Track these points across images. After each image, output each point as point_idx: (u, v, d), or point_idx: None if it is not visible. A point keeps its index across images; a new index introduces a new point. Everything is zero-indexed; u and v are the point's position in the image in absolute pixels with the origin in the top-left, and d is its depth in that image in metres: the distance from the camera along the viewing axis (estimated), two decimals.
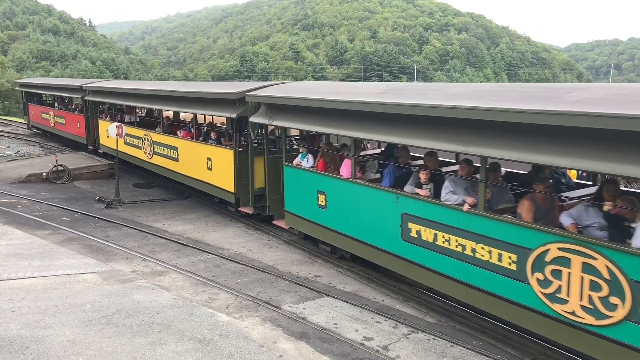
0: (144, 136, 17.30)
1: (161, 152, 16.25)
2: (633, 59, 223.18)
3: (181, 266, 9.79)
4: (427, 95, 7.67)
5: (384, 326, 7.40)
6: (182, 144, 15.11)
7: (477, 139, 6.56)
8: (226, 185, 12.98)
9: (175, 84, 20.83)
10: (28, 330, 6.58)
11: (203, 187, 14.22)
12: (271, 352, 6.33)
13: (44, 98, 28.96)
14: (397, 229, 7.97)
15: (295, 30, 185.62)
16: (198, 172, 14.22)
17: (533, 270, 6.07)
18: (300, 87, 11.99)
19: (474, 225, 6.79)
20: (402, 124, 7.76)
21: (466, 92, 7.49)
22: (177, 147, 15.26)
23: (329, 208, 9.54)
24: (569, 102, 5.68)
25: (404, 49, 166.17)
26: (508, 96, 6.65)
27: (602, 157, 5.27)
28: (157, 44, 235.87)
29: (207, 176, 13.85)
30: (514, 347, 6.91)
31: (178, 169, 15.37)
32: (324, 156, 10.02)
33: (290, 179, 10.72)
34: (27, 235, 11.30)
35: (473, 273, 6.87)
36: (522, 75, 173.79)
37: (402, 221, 7.87)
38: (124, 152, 18.51)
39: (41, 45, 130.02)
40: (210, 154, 13.56)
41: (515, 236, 6.31)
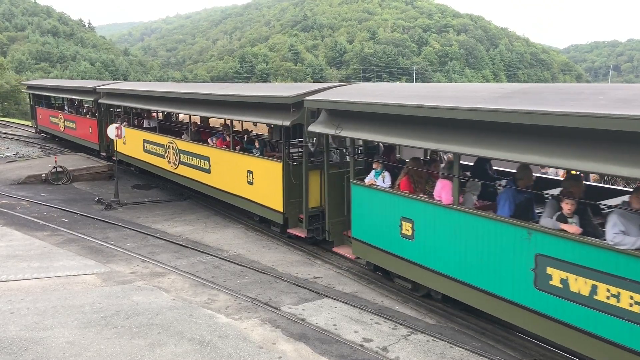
0: (168, 144, 15.86)
1: (189, 162, 14.78)
2: (632, 60, 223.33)
3: (180, 267, 9.78)
4: (589, 102, 5.69)
5: (383, 327, 7.39)
6: (215, 154, 13.57)
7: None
8: (272, 203, 11.35)
9: (207, 86, 18.93)
10: (27, 332, 6.57)
11: (241, 204, 12.66)
12: (270, 354, 6.33)
13: (53, 101, 27.81)
14: (528, 274, 6.27)
15: (295, 31, 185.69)
16: (235, 186, 12.67)
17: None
18: (371, 90, 9.84)
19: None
20: (546, 139, 5.90)
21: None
22: (209, 157, 13.77)
23: (418, 239, 7.81)
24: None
25: (403, 50, 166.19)
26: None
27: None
28: (156, 45, 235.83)
29: (246, 191, 12.26)
30: (514, 349, 6.91)
31: (210, 181, 13.86)
32: (409, 175, 8.33)
33: (361, 200, 8.92)
34: (26, 237, 11.29)
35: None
36: (521, 76, 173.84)
37: (537, 264, 6.18)
38: (143, 161, 17.62)
39: (40, 47, 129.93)
40: (252, 166, 11.97)
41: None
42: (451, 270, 7.36)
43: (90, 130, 21.44)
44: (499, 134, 6.48)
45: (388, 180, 8.73)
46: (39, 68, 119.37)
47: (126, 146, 18.48)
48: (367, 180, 8.88)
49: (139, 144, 17.86)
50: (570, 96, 6.13)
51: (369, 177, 8.90)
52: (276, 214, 11.34)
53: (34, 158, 22.11)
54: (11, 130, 32.57)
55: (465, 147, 6.85)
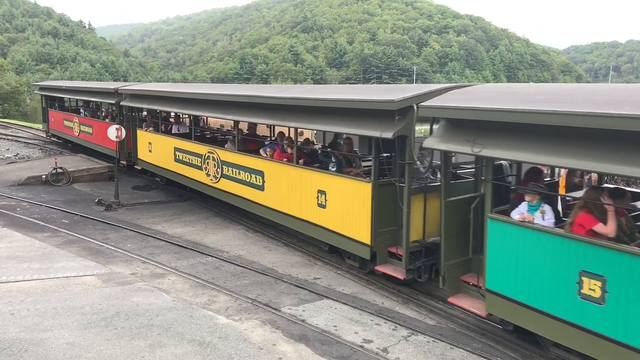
0: (207, 154, 13.75)
1: (235, 176, 12.63)
2: (632, 61, 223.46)
3: (180, 268, 9.78)
4: None
5: (383, 328, 7.39)
6: (272, 168, 11.36)
7: None
8: (354, 232, 9.11)
9: (258, 88, 16.53)
10: (27, 333, 6.57)
11: (306, 230, 10.43)
12: (271, 355, 6.33)
13: (67, 103, 25.97)
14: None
15: (295, 32, 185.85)
16: (300, 209, 10.44)
17: None
18: (510, 92, 7.43)
19: None
20: None
21: None
22: (262, 172, 11.61)
23: (612, 304, 5.56)
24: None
25: (403, 51, 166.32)
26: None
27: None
28: (156, 46, 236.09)
29: (317, 216, 9.99)
30: (514, 350, 6.91)
31: (263, 200, 11.69)
32: (589, 209, 6.12)
33: (506, 242, 6.66)
34: (26, 238, 11.28)
35: None
36: (521, 77, 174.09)
37: None
38: (174, 172, 15.66)
39: (40, 48, 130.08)
40: (326, 185, 9.72)
41: None
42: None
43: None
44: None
45: (551, 217, 6.58)
46: (39, 69, 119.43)
47: (153, 154, 16.87)
48: (517, 215, 6.78)
49: (168, 153, 15.80)
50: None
51: (519, 211, 6.80)
52: (360, 247, 9.03)
53: (34, 159, 22.13)
54: (11, 131, 32.59)
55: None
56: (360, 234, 8.97)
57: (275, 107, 11.02)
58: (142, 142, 17.55)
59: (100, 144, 20.32)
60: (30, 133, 32.07)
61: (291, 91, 11.38)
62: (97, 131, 20.74)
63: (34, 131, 33.26)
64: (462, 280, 7.69)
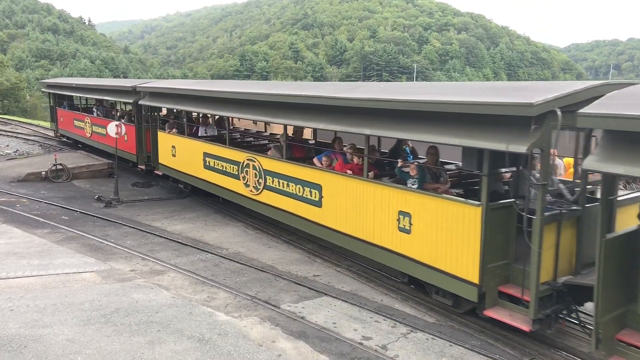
0: (246, 161, 12.05)
1: (283, 188, 10.85)
2: (632, 59, 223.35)
3: (180, 265, 9.79)
4: None
5: (382, 325, 7.40)
6: (333, 182, 9.48)
7: None
8: (454, 267, 7.29)
9: (320, 86, 14.04)
10: (27, 329, 6.57)
11: (383, 258, 8.56)
12: (270, 351, 6.34)
13: (77, 102, 24.58)
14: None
15: (295, 29, 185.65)
16: (373, 232, 8.65)
17: None
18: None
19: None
20: None
21: None
22: (320, 185, 9.77)
23: None
24: None
25: (403, 49, 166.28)
26: None
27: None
28: (156, 43, 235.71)
29: (397, 242, 8.19)
30: (513, 347, 6.91)
31: (320, 218, 9.84)
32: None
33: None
34: (26, 234, 11.29)
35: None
36: (521, 75, 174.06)
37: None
38: (203, 180, 14.02)
39: (40, 44, 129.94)
40: (411, 206, 7.90)
41: None
42: None
43: (126, 138, 17.59)
44: None
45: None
46: (39, 66, 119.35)
47: (176, 159, 15.19)
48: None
49: (196, 158, 14.11)
50: None
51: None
52: (464, 286, 7.19)
53: (34, 156, 22.11)
54: (11, 127, 32.56)
55: None
56: (466, 269, 7.14)
57: (343, 109, 9.15)
58: (164, 145, 15.95)
59: (115, 147, 17.55)
60: (30, 129, 32.04)
61: (364, 90, 9.54)
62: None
63: (33, 127, 33.24)
64: (618, 339, 5.95)
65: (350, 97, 9.11)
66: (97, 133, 20.61)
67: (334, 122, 9.47)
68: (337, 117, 9.37)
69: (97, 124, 20.82)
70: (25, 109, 59.24)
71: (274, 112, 11.01)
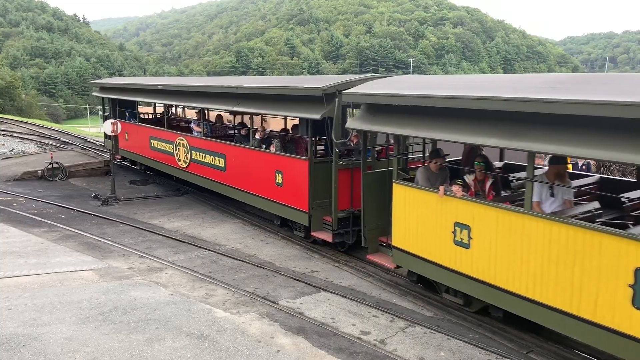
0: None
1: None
2: (628, 52, 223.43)
3: (178, 263, 9.79)
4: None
5: (381, 320, 7.42)
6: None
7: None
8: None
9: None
10: (25, 328, 6.57)
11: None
12: (269, 347, 6.35)
13: (157, 115, 18.93)
14: None
15: (291, 25, 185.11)
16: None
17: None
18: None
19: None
20: None
21: None
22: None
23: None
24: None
25: (399, 44, 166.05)
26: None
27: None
28: (151, 40, 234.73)
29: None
30: (511, 340, 6.94)
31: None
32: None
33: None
34: (23, 233, 11.26)
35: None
36: (517, 69, 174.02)
37: None
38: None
39: (35, 42, 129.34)
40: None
41: None
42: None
43: (281, 181, 10.80)
44: None
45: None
46: (34, 64, 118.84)
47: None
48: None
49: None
50: None
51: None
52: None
53: (29, 154, 22.03)
54: (6, 126, 32.43)
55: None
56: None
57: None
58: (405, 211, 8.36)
59: (254, 193, 11.75)
60: (25, 128, 31.90)
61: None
62: (246, 166, 12.00)
63: (29, 126, 33.10)
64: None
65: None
66: (209, 165, 13.55)
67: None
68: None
69: (210, 150, 13.44)
70: (21, 108, 59.11)
71: None
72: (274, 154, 11.08)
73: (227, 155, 12.87)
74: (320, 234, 10.17)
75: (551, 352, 6.63)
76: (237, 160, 12.40)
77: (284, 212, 10.97)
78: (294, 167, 10.36)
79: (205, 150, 13.87)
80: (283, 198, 10.77)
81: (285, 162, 10.68)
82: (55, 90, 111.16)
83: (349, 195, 9.81)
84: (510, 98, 5.97)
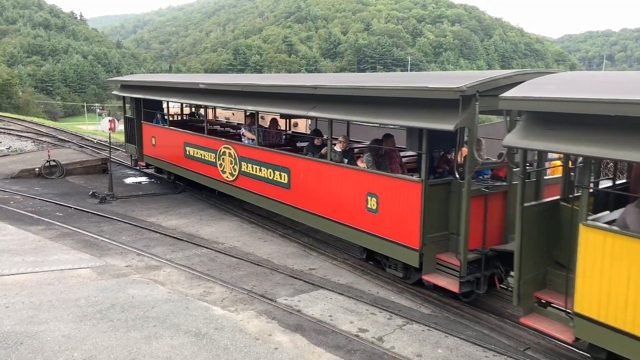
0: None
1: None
2: (626, 50, 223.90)
3: (176, 260, 9.78)
4: None
5: (378, 318, 7.43)
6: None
7: None
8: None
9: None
10: (22, 326, 6.56)
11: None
12: (266, 345, 6.36)
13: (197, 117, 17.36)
14: None
15: (289, 23, 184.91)
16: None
17: None
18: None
19: None
20: None
21: None
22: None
23: None
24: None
25: (397, 41, 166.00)
26: None
27: None
28: (149, 37, 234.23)
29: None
30: (508, 337, 6.96)
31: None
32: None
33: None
34: (20, 231, 11.24)
35: None
36: (515, 66, 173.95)
37: None
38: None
39: (32, 40, 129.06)
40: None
41: None
42: None
43: (376, 206, 8.58)
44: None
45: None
46: (31, 61, 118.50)
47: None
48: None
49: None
50: None
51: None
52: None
53: (27, 152, 21.96)
54: (4, 124, 32.34)
55: None
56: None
57: None
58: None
59: (339, 220, 9.37)
60: (22, 126, 31.81)
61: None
62: (318, 185, 9.89)
63: (26, 124, 33.01)
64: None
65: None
66: (270, 182, 11.26)
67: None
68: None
69: (273, 164, 11.15)
70: (18, 105, 58.93)
71: None
72: (365, 172, 8.70)
73: (292, 170, 10.52)
74: (438, 280, 7.71)
75: (548, 350, 6.66)
76: (307, 176, 10.11)
77: (377, 246, 8.55)
78: (398, 190, 8.01)
79: (260, 162, 11.59)
80: (377, 228, 8.43)
81: (383, 182, 8.32)
82: (52, 87, 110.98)
83: (481, 230, 7.62)
84: None
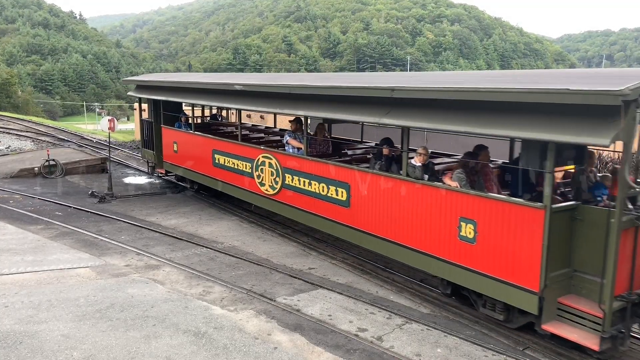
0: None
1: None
2: (625, 50, 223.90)
3: (175, 260, 9.78)
4: None
5: (378, 317, 7.44)
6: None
7: None
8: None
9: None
10: (22, 325, 6.56)
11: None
12: (266, 344, 6.36)
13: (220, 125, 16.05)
14: None
15: (288, 22, 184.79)
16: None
17: None
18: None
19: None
20: None
21: None
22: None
23: None
24: None
25: (397, 41, 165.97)
26: None
27: None
28: (148, 37, 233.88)
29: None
30: (507, 337, 6.97)
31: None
32: None
33: None
34: (19, 230, 11.24)
35: None
36: (515, 66, 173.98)
37: None
38: None
39: (31, 39, 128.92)
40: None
41: None
42: None
43: (473, 234, 7.04)
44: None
45: None
46: (30, 61, 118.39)
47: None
48: None
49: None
50: None
51: None
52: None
53: (26, 151, 21.97)
54: (3, 123, 32.31)
55: None
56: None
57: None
58: None
59: (420, 249, 7.85)
60: (22, 125, 31.78)
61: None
62: (388, 205, 8.45)
63: (25, 123, 32.99)
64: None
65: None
66: (323, 198, 9.83)
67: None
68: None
69: (327, 178, 9.72)
70: (17, 105, 58.87)
71: None
72: (457, 192, 7.20)
73: (352, 186, 9.05)
74: (566, 332, 6.15)
75: (547, 349, 6.66)
76: (373, 193, 8.68)
77: (472, 283, 7.07)
78: (508, 216, 6.48)
79: (309, 175, 10.12)
80: (474, 261, 6.96)
81: (484, 205, 6.81)
82: (51, 87, 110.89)
83: (629, 271, 6.08)
84: None
